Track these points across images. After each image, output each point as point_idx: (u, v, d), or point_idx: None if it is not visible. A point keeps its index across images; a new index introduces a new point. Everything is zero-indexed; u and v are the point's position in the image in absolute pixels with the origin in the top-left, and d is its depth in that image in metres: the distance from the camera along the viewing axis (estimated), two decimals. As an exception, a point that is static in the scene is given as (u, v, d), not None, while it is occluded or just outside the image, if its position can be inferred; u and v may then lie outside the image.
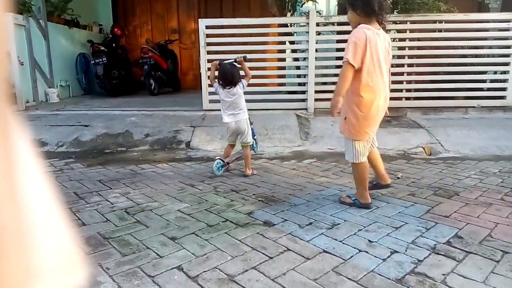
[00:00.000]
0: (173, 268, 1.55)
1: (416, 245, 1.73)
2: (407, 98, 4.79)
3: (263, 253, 1.66)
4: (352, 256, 1.63)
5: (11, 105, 0.19)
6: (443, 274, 1.48)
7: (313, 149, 3.77)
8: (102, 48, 6.44)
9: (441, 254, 1.64)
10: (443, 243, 1.74)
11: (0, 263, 0.17)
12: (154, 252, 1.69)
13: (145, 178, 2.88)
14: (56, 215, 0.21)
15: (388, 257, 1.62)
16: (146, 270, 1.53)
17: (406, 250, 1.68)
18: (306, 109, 4.69)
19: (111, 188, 2.63)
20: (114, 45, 6.87)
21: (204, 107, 4.78)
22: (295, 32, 5.05)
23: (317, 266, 1.54)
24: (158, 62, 6.68)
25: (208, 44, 4.63)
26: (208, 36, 4.61)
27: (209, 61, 4.61)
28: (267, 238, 1.82)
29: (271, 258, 1.62)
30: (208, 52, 4.61)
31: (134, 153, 3.70)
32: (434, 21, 4.69)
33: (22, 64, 5.26)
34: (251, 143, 3.04)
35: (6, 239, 0.17)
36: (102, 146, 3.85)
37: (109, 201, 2.37)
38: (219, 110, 4.85)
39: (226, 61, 2.93)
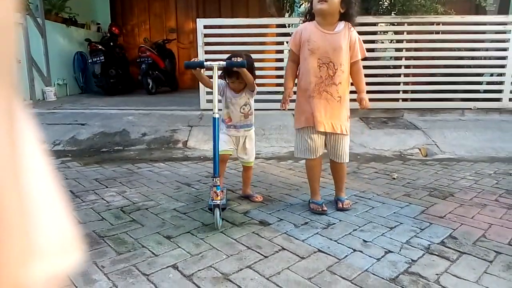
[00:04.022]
0: (168, 267, 1.55)
1: (410, 245, 1.74)
2: (404, 100, 4.82)
3: (258, 252, 1.67)
4: (346, 256, 1.64)
5: (17, 96, 0.19)
6: (437, 274, 1.49)
7: (310, 149, 3.77)
8: (100, 47, 6.43)
9: (435, 254, 1.65)
10: (437, 244, 1.75)
11: (2, 242, 0.17)
12: (150, 250, 1.69)
13: (141, 177, 2.88)
14: (55, 199, 0.22)
15: (382, 256, 1.63)
16: (141, 269, 1.53)
17: (400, 250, 1.69)
18: (303, 109, 4.70)
19: (107, 187, 2.63)
20: (111, 44, 6.86)
21: (201, 107, 4.78)
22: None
23: (311, 265, 1.55)
24: (155, 62, 6.68)
25: (206, 44, 4.63)
26: (206, 36, 4.62)
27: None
28: (263, 237, 1.83)
29: (266, 257, 1.63)
30: (206, 52, 4.61)
31: (131, 152, 3.69)
32: (432, 23, 4.71)
33: (19, 62, 5.25)
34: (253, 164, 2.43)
35: (8, 218, 0.18)
36: (99, 145, 3.85)
37: (105, 200, 2.37)
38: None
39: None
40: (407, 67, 4.79)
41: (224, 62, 2.03)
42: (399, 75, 4.78)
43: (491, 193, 2.48)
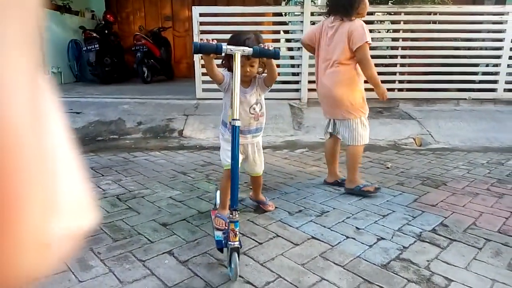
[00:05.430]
0: (164, 253, 1.57)
1: (402, 233, 1.77)
2: (400, 90, 4.82)
3: (253, 239, 1.69)
4: (339, 242, 1.67)
5: (43, 74, 0.20)
6: (427, 260, 1.52)
7: (306, 139, 3.80)
8: (95, 34, 6.35)
9: (426, 242, 1.68)
10: (429, 231, 1.79)
11: (24, 196, 0.18)
12: (146, 237, 1.71)
13: (137, 166, 2.89)
14: (73, 163, 0.24)
15: (375, 243, 1.66)
16: (137, 255, 1.55)
17: (392, 237, 1.72)
18: (299, 99, 4.70)
19: (103, 175, 2.64)
20: (106, 31, 6.78)
21: (197, 96, 4.77)
22: (290, 22, 5.04)
23: (305, 252, 1.58)
24: (151, 50, 6.61)
25: (202, 32, 4.59)
26: (202, 24, 4.58)
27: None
28: (257, 224, 1.85)
29: (260, 243, 1.65)
30: (202, 41, 4.57)
31: (127, 140, 3.69)
32: (429, 13, 4.69)
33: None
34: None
35: (30, 173, 0.19)
36: (94, 133, 3.84)
37: (101, 188, 2.38)
38: (213, 99, 4.83)
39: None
40: (403, 57, 4.78)
41: (250, 49, 1.51)
42: (395, 65, 4.77)
43: (483, 182, 2.52)
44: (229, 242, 1.40)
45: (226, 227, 1.53)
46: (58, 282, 1.35)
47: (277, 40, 5.31)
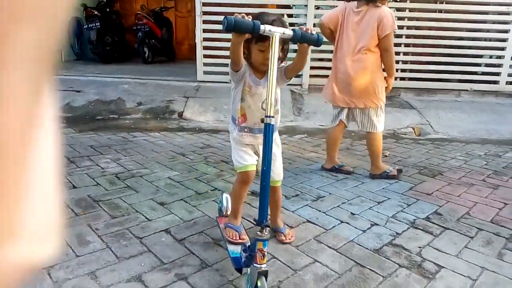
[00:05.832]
0: (161, 231, 1.60)
1: (396, 219, 1.80)
2: (402, 79, 4.80)
3: (249, 221, 1.71)
4: (334, 227, 1.69)
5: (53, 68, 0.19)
6: (419, 247, 1.55)
7: (305, 124, 3.80)
8: (96, 12, 6.28)
9: (419, 229, 1.71)
10: (422, 219, 1.81)
11: None
12: (143, 215, 1.74)
13: (136, 146, 2.90)
14: (52, 180, 0.21)
15: (368, 229, 1.69)
16: (135, 232, 1.58)
17: (386, 223, 1.75)
18: (300, 85, 4.68)
19: (102, 154, 2.65)
20: (108, 10, 6.69)
21: (198, 78, 4.74)
22: (294, 5, 4.96)
23: (300, 234, 1.61)
24: (152, 30, 6.54)
25: (205, 13, 4.53)
26: (204, 4, 4.51)
27: (205, 30, 4.53)
28: (254, 207, 1.87)
29: (256, 225, 1.67)
30: (204, 22, 4.52)
31: (126, 120, 3.69)
32: (435, 1, 4.63)
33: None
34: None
35: (5, 189, 0.17)
36: (94, 112, 3.84)
37: (100, 166, 2.39)
38: (214, 82, 4.80)
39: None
40: (406, 45, 4.74)
41: (291, 32, 1.24)
42: (398, 53, 4.73)
43: (479, 173, 2.54)
44: (256, 265, 1.17)
45: (242, 240, 1.44)
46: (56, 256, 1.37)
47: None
